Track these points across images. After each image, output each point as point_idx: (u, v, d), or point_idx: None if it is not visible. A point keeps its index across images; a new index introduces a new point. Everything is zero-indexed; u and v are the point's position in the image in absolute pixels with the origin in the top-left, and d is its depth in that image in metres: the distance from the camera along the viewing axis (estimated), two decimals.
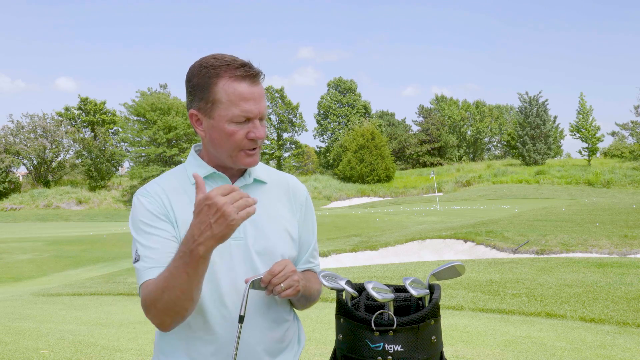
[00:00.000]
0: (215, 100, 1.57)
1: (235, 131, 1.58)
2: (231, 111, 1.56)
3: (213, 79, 1.57)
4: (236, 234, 1.60)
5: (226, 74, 1.56)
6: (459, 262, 1.70)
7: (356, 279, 8.59)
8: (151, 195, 1.63)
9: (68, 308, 8.74)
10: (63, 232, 28.03)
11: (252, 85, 1.58)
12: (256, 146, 1.62)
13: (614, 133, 59.17)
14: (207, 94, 1.58)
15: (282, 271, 1.54)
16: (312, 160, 70.61)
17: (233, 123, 1.57)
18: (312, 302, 1.80)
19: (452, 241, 16.65)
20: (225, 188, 1.37)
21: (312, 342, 5.52)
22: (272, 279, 1.53)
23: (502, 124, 74.46)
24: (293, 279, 1.55)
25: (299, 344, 1.79)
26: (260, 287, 1.55)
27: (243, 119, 1.57)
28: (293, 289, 1.55)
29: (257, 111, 1.58)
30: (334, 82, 71.56)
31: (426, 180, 53.35)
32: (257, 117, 1.59)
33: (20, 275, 15.60)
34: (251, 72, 1.58)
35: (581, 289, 7.78)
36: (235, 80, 1.56)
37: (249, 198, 1.38)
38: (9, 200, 51.40)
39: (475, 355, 4.87)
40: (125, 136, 56.70)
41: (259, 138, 1.59)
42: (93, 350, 5.40)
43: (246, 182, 1.69)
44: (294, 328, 1.77)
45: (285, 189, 1.77)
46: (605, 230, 15.80)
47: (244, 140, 1.59)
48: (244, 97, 1.56)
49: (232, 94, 1.56)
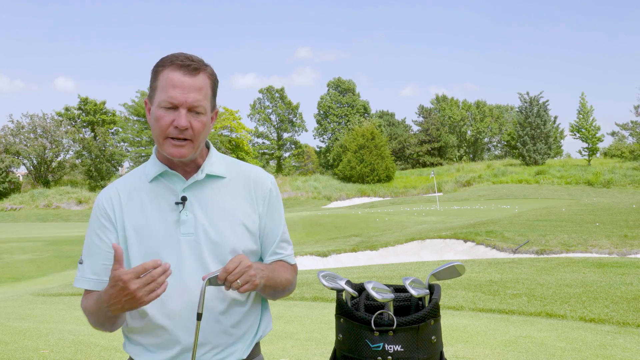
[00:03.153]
0: (155, 87, 1.68)
1: (162, 116, 1.65)
2: (161, 96, 1.65)
3: (160, 67, 1.68)
4: (187, 230, 1.67)
5: (168, 65, 1.66)
6: (458, 262, 1.70)
7: (356, 279, 8.59)
8: (104, 201, 1.73)
9: (68, 308, 8.73)
10: (63, 232, 28.02)
11: (186, 75, 1.64)
12: (183, 137, 1.65)
13: (614, 133, 59.24)
14: (153, 82, 1.70)
15: (237, 267, 1.55)
16: (312, 160, 70.59)
17: (161, 108, 1.65)
18: (284, 292, 1.82)
19: (452, 241, 16.65)
20: (138, 271, 1.46)
21: (312, 342, 5.52)
22: (227, 276, 1.54)
23: (502, 124, 74.46)
24: (249, 274, 1.56)
25: (255, 336, 1.78)
26: (217, 283, 1.56)
27: (169, 104, 1.64)
28: (250, 284, 1.56)
29: (183, 100, 1.63)
30: (333, 82, 71.59)
31: (426, 180, 53.33)
32: (183, 105, 1.64)
33: (20, 275, 15.60)
34: (187, 63, 1.65)
35: (581, 289, 7.78)
36: (172, 69, 1.65)
37: (160, 278, 1.48)
38: (9, 200, 51.34)
39: (475, 355, 4.87)
40: (125, 136, 56.74)
41: (180, 126, 1.63)
42: (93, 350, 5.40)
43: (198, 177, 1.72)
44: (249, 320, 1.75)
45: (245, 182, 1.79)
46: (605, 230, 15.80)
47: (170, 128, 1.64)
48: (173, 84, 1.63)
49: (164, 80, 1.65)
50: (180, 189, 1.71)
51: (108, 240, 1.68)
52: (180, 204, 1.69)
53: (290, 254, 1.86)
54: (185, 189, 1.71)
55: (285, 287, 1.80)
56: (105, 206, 1.71)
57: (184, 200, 1.69)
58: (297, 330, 6.06)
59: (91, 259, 1.69)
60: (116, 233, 1.69)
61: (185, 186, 1.71)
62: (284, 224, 1.85)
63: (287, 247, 1.85)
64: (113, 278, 1.48)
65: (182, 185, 1.71)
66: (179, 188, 1.71)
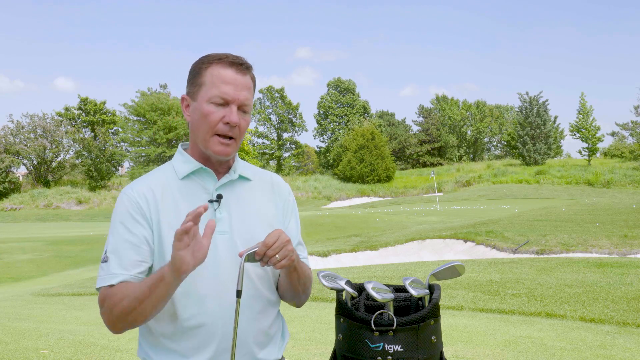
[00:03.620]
0: (201, 83, 1.67)
1: (212, 112, 1.64)
2: (211, 91, 1.64)
3: (205, 64, 1.68)
4: (222, 228, 1.66)
5: (217, 62, 1.67)
6: (458, 262, 1.70)
7: (356, 279, 8.59)
8: (137, 196, 1.66)
9: (68, 308, 8.73)
10: (63, 232, 28.01)
11: (237, 73, 1.66)
12: (231, 135, 1.66)
13: (614, 133, 59.14)
14: (197, 78, 1.68)
15: (277, 242, 1.54)
16: (312, 160, 70.60)
17: (211, 104, 1.64)
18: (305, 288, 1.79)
19: (452, 241, 16.65)
20: (186, 225, 1.41)
21: (312, 342, 5.52)
22: (267, 251, 1.53)
23: (502, 124, 74.45)
24: (287, 248, 1.55)
25: (282, 339, 1.81)
26: (255, 259, 1.55)
27: (220, 100, 1.64)
28: (288, 259, 1.55)
29: (236, 96, 1.64)
30: (333, 82, 71.60)
31: (426, 180, 53.32)
32: (235, 102, 1.65)
33: (20, 275, 15.59)
34: (240, 61, 1.67)
35: (581, 289, 7.78)
36: (223, 66, 1.66)
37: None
38: (9, 200, 51.30)
39: (475, 355, 4.87)
40: (125, 136, 56.68)
41: (232, 123, 1.63)
42: (93, 350, 5.40)
43: (231, 177, 1.73)
44: (278, 323, 1.79)
45: (269, 186, 1.83)
46: (605, 230, 15.80)
47: (219, 124, 1.64)
48: (225, 80, 1.64)
49: (215, 76, 1.65)
50: (214, 188, 1.70)
51: (141, 235, 1.63)
52: (215, 202, 1.68)
53: (307, 257, 1.85)
54: (219, 187, 1.71)
55: (306, 279, 1.77)
56: (139, 201, 1.65)
57: (220, 198, 1.69)
58: (297, 330, 6.07)
59: (119, 255, 1.61)
60: (150, 229, 1.64)
61: (218, 185, 1.71)
62: (299, 228, 1.86)
63: (303, 250, 1.85)
64: (176, 234, 1.42)
65: (215, 184, 1.71)
66: (211, 187, 1.70)
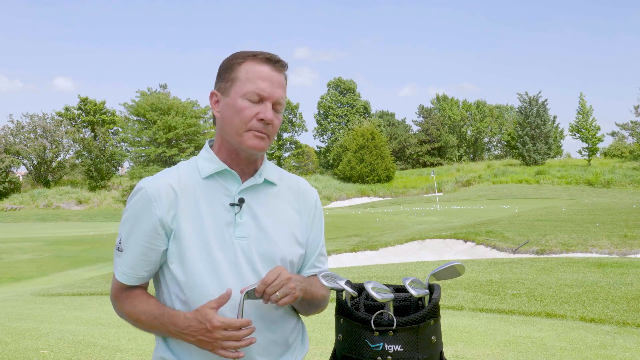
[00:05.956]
0: (234, 78, 1.62)
1: (246, 107, 1.60)
2: (246, 87, 1.59)
3: (239, 59, 1.64)
4: (241, 233, 1.61)
5: (252, 58, 1.63)
6: (458, 262, 1.70)
7: (356, 279, 8.59)
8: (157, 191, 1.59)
9: (68, 308, 8.73)
10: (63, 232, 28.01)
11: (273, 70, 1.62)
12: (265, 131, 1.61)
13: (614, 133, 59.15)
14: (230, 73, 1.64)
15: (277, 280, 1.50)
16: (312, 160, 70.58)
17: (246, 100, 1.59)
18: (318, 308, 1.77)
19: (452, 241, 16.64)
20: (232, 323, 1.47)
21: (312, 342, 5.52)
22: (266, 289, 1.50)
23: (502, 124, 74.43)
24: (289, 286, 1.52)
25: (302, 347, 1.75)
26: (255, 297, 1.52)
27: (256, 96, 1.59)
28: (290, 296, 1.52)
29: (272, 93, 1.60)
30: (333, 82, 71.60)
31: (426, 180, 53.31)
32: (270, 100, 1.61)
33: (20, 275, 15.60)
34: (276, 59, 1.63)
35: (581, 289, 7.77)
36: (259, 62, 1.62)
37: (244, 341, 1.49)
38: (9, 200, 51.29)
39: (475, 355, 4.87)
40: (125, 136, 56.63)
41: (267, 119, 1.59)
42: (93, 350, 5.40)
43: (256, 181, 1.66)
44: (296, 331, 1.73)
45: (295, 192, 1.75)
46: (605, 230, 15.79)
47: (253, 120, 1.60)
48: (262, 76, 1.60)
49: (250, 72, 1.61)
50: (236, 191, 1.63)
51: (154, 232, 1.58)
52: (236, 206, 1.62)
53: (326, 270, 1.78)
54: (242, 191, 1.64)
55: (320, 302, 1.74)
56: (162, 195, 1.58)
57: (242, 202, 1.62)
58: None
59: (129, 249, 1.59)
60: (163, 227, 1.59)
61: (241, 188, 1.64)
62: (323, 238, 1.81)
63: (324, 262, 1.80)
64: (203, 315, 1.46)
65: (238, 187, 1.64)
66: (234, 189, 1.63)
